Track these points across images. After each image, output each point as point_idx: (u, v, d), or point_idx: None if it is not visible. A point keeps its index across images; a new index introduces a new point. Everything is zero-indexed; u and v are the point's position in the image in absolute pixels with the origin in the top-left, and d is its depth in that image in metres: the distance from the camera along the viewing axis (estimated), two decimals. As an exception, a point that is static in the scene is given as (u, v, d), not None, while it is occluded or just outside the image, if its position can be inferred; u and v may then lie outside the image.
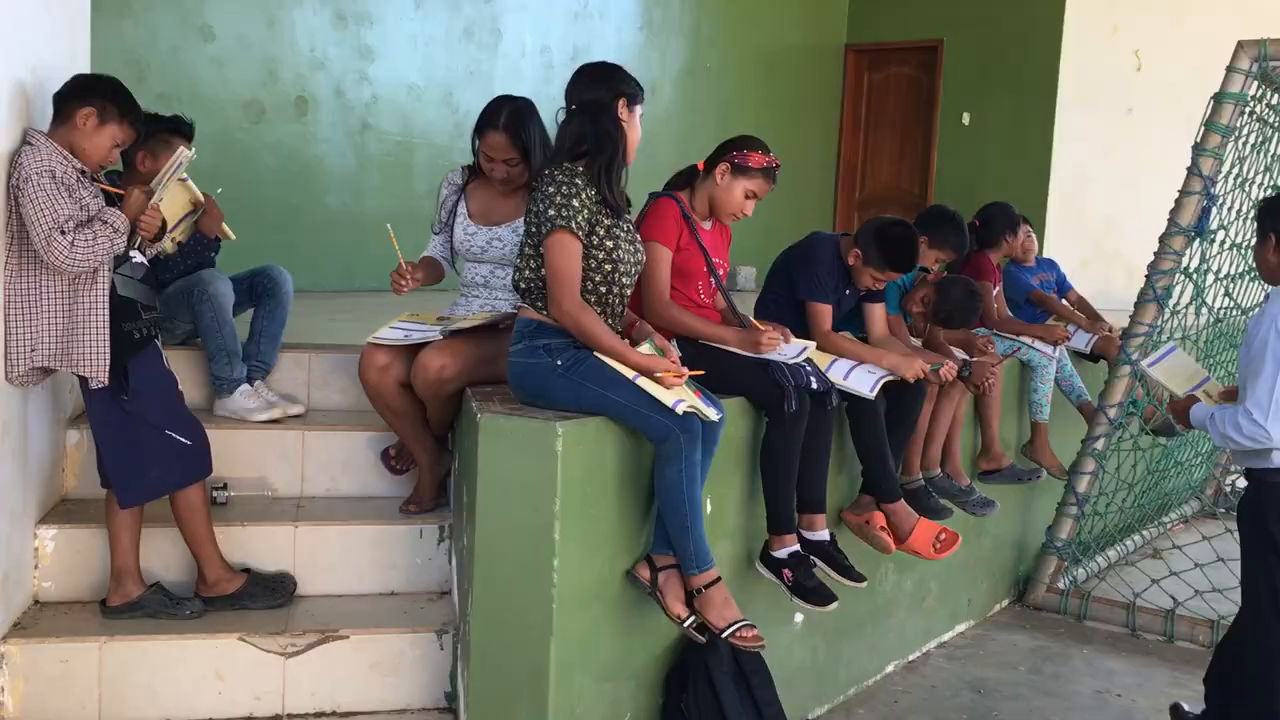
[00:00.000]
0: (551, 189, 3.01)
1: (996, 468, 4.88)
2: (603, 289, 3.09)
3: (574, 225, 2.98)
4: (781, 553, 3.50)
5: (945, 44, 9.74)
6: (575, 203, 2.99)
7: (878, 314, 4.08)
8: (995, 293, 5.20)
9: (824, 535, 3.60)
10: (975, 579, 5.04)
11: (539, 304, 3.10)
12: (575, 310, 3.00)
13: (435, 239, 3.98)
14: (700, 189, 3.58)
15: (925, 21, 9.88)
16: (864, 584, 3.63)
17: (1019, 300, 5.52)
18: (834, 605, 3.44)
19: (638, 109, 3.18)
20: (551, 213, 2.99)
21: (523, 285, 3.14)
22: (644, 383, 2.97)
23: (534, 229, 3.06)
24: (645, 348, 3.15)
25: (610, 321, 3.13)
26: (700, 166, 3.59)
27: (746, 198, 3.52)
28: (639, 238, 3.25)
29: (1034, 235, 5.29)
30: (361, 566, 3.74)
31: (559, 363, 3.03)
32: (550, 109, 3.25)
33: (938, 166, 9.86)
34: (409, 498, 3.90)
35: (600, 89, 3.11)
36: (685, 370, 3.09)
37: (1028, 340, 5.12)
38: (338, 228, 7.11)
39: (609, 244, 3.06)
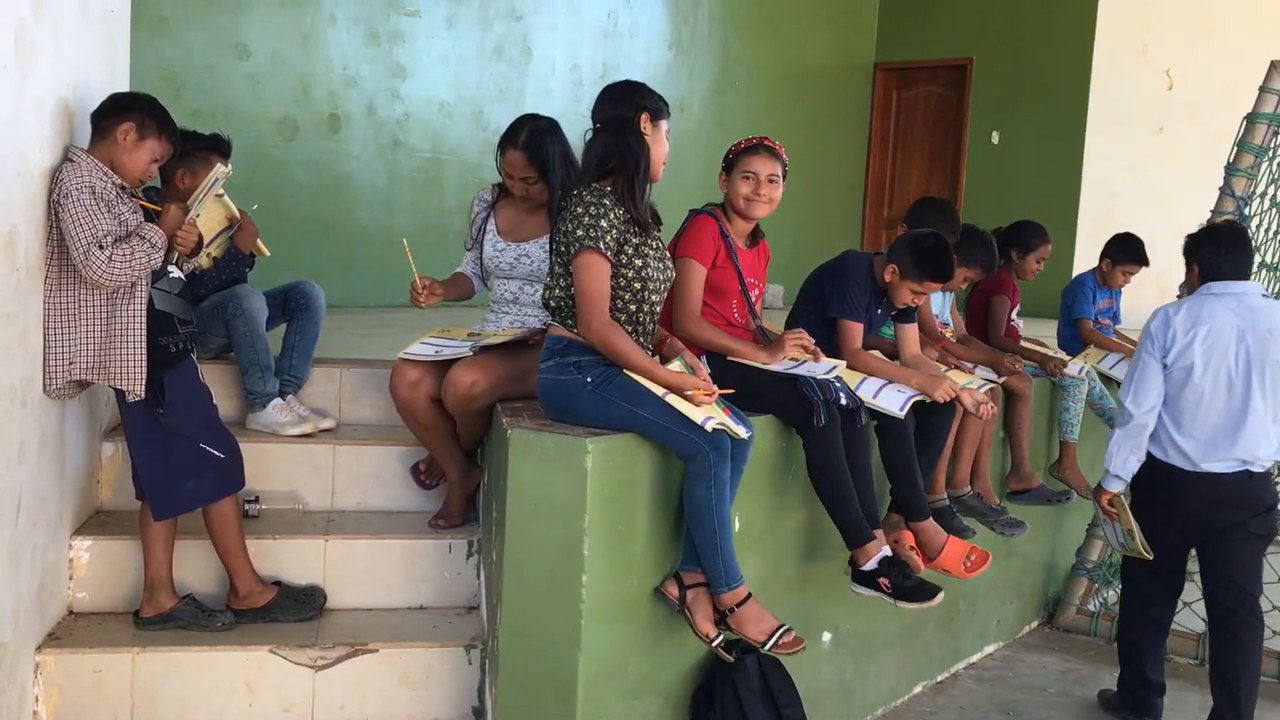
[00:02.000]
0: (580, 209, 3.03)
1: (1026, 488, 4.85)
2: (632, 307, 3.11)
3: (602, 245, 3.00)
4: (870, 564, 3.48)
5: (974, 62, 9.73)
6: (604, 223, 3.01)
7: (910, 334, 4.08)
8: (1013, 309, 5.19)
9: (884, 550, 3.56)
10: (1004, 600, 5.01)
11: (569, 322, 3.12)
12: (604, 329, 3.02)
13: (468, 256, 4.02)
14: (726, 210, 3.63)
15: (954, 40, 9.87)
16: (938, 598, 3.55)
17: (1071, 314, 5.53)
18: (940, 596, 3.45)
19: (663, 124, 3.17)
20: (580, 233, 3.01)
21: (553, 303, 3.16)
22: (673, 400, 2.99)
23: (563, 249, 3.09)
24: (675, 365, 3.17)
25: (641, 339, 3.14)
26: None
27: (745, 179, 3.59)
28: (668, 254, 3.27)
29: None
30: (391, 580, 3.77)
31: (589, 380, 3.05)
32: (580, 127, 3.27)
33: (966, 185, 9.84)
34: (438, 512, 3.92)
35: (623, 105, 3.13)
36: (715, 388, 3.10)
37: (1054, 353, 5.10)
38: (369, 244, 7.17)
39: (638, 262, 3.08)
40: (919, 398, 3.77)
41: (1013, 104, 9.50)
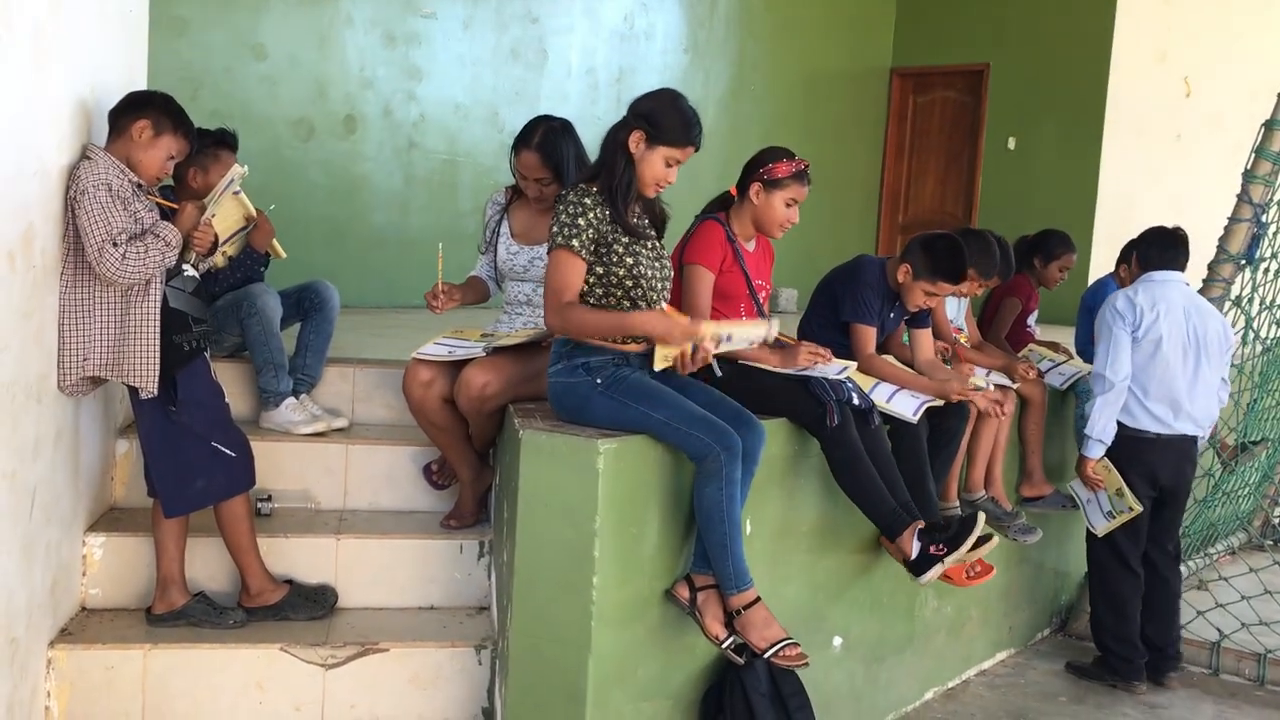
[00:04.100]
0: (561, 208, 3.06)
1: (1039, 495, 4.83)
2: (625, 304, 3.11)
3: (575, 244, 3.01)
4: (916, 546, 3.47)
5: (991, 68, 9.71)
6: (581, 222, 3.02)
7: (924, 339, 4.07)
8: (1028, 315, 5.18)
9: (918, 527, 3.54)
10: (1016, 606, 4.98)
11: (571, 324, 3.12)
12: (563, 313, 3.01)
13: (482, 259, 4.03)
14: (739, 212, 3.62)
15: (971, 45, 9.86)
16: (995, 539, 3.65)
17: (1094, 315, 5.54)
18: (995, 540, 3.58)
19: (663, 149, 3.08)
20: (555, 230, 3.04)
21: None
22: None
23: (548, 247, 3.11)
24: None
25: (639, 340, 3.13)
26: (734, 192, 3.63)
27: (787, 206, 3.56)
28: (665, 255, 3.27)
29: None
30: (402, 580, 3.77)
31: (599, 381, 3.05)
32: (595, 129, 3.27)
33: (982, 191, 9.82)
34: (450, 513, 3.93)
35: (630, 114, 3.12)
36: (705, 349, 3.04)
37: (1059, 361, 5.07)
38: (384, 245, 7.19)
39: (629, 260, 3.08)
40: (932, 402, 3.76)
41: (1030, 110, 9.47)
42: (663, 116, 3.09)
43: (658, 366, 3.02)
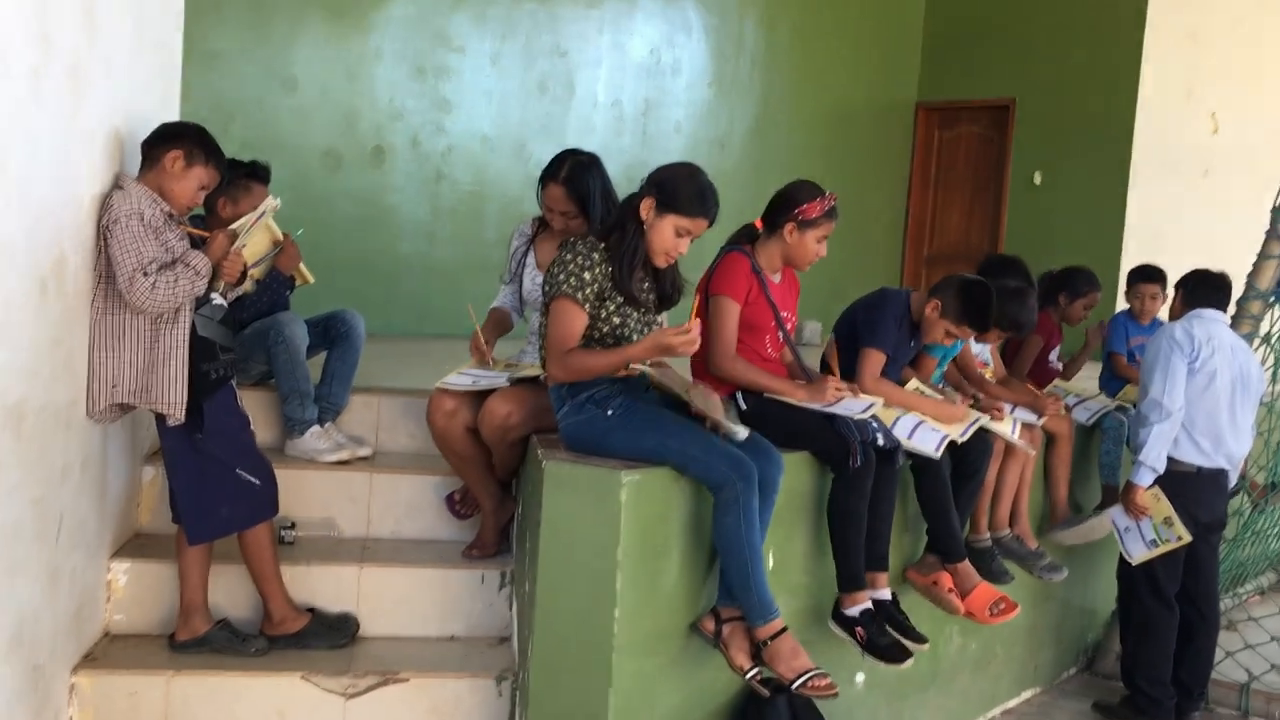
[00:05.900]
0: (569, 256, 3.09)
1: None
2: None
3: (580, 296, 3.05)
4: (854, 610, 3.45)
5: (1017, 103, 9.70)
6: (587, 275, 3.06)
7: (927, 364, 4.09)
8: (1050, 350, 5.15)
9: (885, 594, 3.56)
10: (1042, 644, 4.93)
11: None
12: (566, 361, 3.06)
13: (504, 289, 4.05)
14: (765, 245, 3.61)
15: (997, 80, 9.84)
16: (926, 645, 3.57)
17: (1107, 350, 5.54)
18: (909, 663, 3.40)
19: (670, 217, 3.09)
20: (561, 278, 3.07)
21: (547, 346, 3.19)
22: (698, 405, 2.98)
23: (548, 289, 3.13)
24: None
25: None
26: (758, 224, 3.63)
27: (818, 242, 3.57)
28: (658, 323, 3.29)
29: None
30: (423, 610, 3.77)
31: (609, 412, 3.06)
32: (621, 161, 3.30)
33: (1008, 225, 9.76)
34: (472, 543, 3.93)
35: (649, 181, 3.14)
36: (697, 338, 3.02)
37: (1085, 396, 5.03)
38: (410, 275, 7.24)
39: (615, 320, 3.11)
40: (953, 437, 3.73)
41: (1056, 145, 9.43)
42: (676, 185, 3.12)
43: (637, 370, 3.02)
